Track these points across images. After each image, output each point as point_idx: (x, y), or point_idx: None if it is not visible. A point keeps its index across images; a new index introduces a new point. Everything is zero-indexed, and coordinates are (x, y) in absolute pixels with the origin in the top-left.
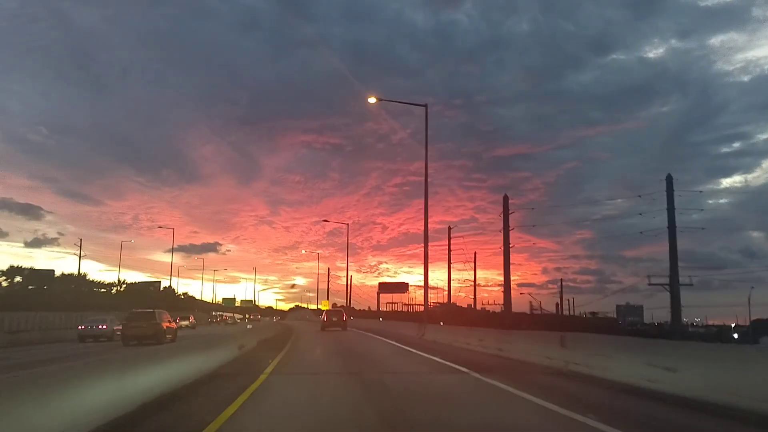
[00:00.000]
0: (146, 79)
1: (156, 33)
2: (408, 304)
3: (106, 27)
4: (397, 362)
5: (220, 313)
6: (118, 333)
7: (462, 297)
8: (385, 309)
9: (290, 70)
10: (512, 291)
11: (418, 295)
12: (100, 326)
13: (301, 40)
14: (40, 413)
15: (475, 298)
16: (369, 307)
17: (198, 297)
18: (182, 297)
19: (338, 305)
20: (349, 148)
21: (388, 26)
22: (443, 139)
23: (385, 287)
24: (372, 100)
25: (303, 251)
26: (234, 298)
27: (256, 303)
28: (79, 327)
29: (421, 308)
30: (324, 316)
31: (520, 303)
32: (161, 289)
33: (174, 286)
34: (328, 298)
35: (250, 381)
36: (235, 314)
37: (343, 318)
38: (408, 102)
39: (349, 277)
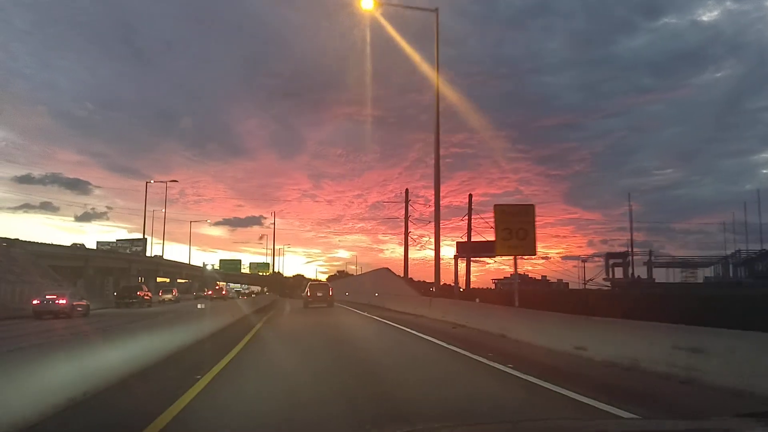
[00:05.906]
0: (190, 53)
1: (198, 6)
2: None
3: (149, 0)
4: None
5: (226, 283)
6: (79, 309)
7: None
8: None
9: (332, 42)
10: (558, 264)
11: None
12: (58, 301)
13: (343, 11)
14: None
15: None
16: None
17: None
18: (157, 259)
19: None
20: (391, 119)
21: None
22: (487, 109)
23: (465, 248)
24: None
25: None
26: (238, 261)
27: (277, 270)
28: (34, 302)
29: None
30: (308, 291)
31: (568, 275)
32: (145, 250)
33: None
34: (406, 234)
35: None
36: (244, 285)
37: (329, 293)
38: (414, 7)
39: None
